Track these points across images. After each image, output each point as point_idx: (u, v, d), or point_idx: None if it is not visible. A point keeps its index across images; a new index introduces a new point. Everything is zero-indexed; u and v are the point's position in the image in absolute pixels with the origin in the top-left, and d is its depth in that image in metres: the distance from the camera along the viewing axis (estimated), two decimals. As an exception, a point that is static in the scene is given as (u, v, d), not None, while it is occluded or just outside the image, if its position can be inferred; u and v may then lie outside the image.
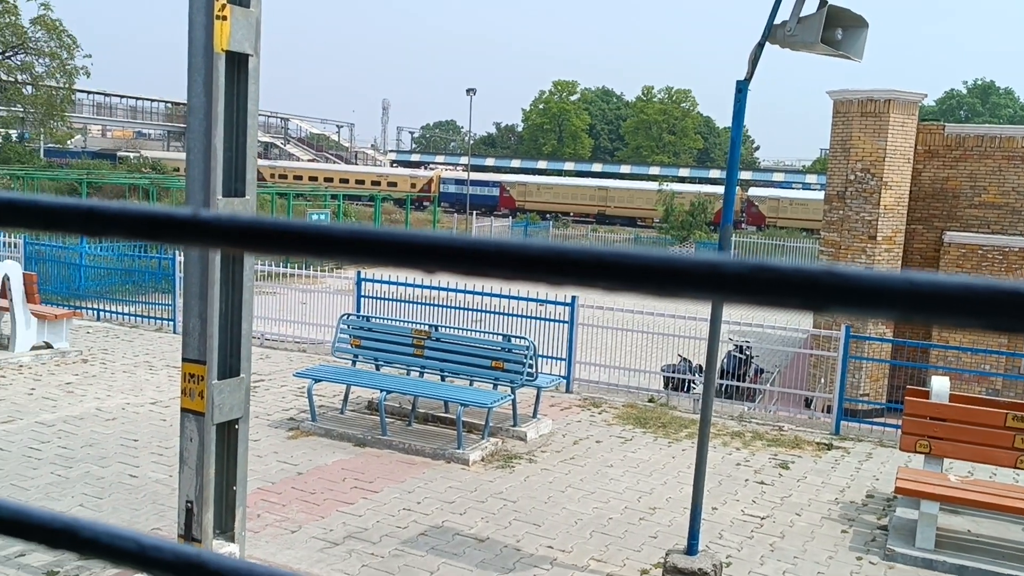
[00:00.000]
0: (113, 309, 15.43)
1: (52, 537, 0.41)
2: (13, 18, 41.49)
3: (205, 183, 5.06)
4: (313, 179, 59.53)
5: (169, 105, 77.43)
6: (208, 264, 5.06)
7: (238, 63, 5.17)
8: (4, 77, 42.74)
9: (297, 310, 15.13)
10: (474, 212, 43.22)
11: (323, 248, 0.40)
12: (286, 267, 16.19)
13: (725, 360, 13.99)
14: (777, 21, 5.51)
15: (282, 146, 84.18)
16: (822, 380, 14.26)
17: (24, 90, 43.41)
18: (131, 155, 64.68)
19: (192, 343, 5.20)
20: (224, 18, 4.96)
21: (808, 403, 13.84)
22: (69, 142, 68.10)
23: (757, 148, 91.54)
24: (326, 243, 0.39)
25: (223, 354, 5.33)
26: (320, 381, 9.32)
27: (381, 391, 8.99)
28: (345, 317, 10.14)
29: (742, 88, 5.45)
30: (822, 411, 12.58)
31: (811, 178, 65.52)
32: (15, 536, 0.43)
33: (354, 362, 9.90)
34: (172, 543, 0.41)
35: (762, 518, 7.41)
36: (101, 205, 0.41)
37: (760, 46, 5.46)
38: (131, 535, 0.38)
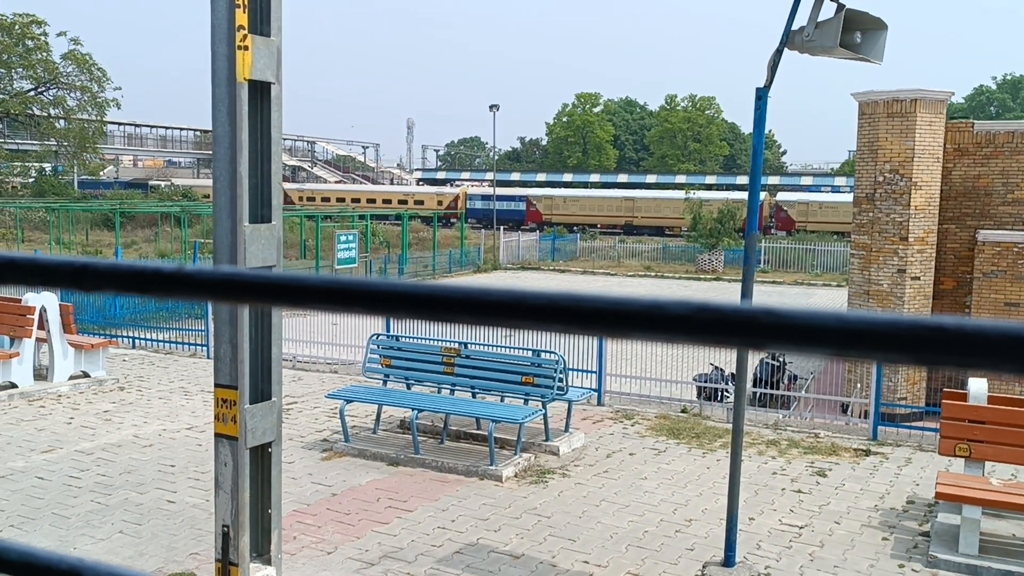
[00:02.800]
0: (148, 336, 15.65)
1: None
2: (45, 54, 42.43)
3: (232, 210, 5.13)
4: (341, 200, 60.05)
5: (198, 133, 78.61)
6: (237, 290, 5.13)
7: (261, 91, 5.25)
8: (38, 112, 43.67)
9: (328, 331, 15.23)
10: (501, 227, 43.29)
11: (298, 298, 0.41)
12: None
13: (758, 368, 13.88)
14: (795, 27, 5.49)
15: (309, 169, 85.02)
16: (858, 385, 14.08)
17: (57, 124, 44.32)
18: (162, 184, 65.72)
19: (223, 369, 5.26)
20: (246, 48, 5.04)
21: (845, 409, 13.67)
22: (102, 173, 69.31)
23: (784, 152, 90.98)
24: (300, 293, 0.41)
25: (254, 378, 5.39)
26: (352, 402, 9.37)
27: (413, 410, 9.02)
28: (375, 337, 10.19)
29: (762, 95, 5.43)
30: (859, 416, 12.42)
31: (840, 180, 65.00)
32: (22, 580, 0.45)
33: (385, 381, 9.95)
34: (170, 584, 0.42)
35: (800, 527, 7.32)
36: (93, 262, 0.43)
37: (778, 53, 5.44)
38: (132, 575, 0.40)
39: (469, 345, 9.92)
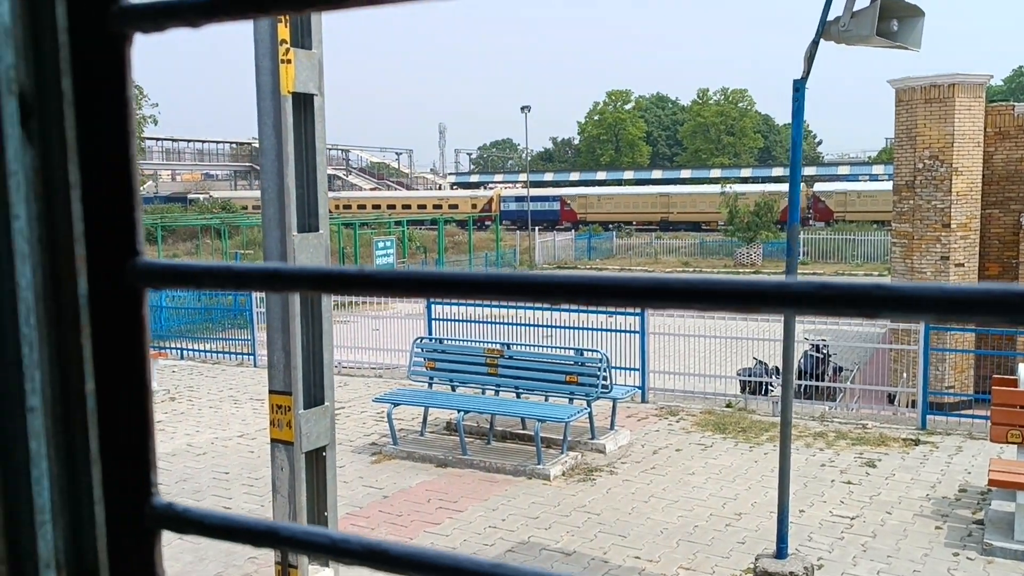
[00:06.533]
0: (195, 347, 15.95)
1: (257, 537, 0.50)
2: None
3: (280, 221, 5.26)
4: (376, 207, 60.47)
5: (233, 146, 79.64)
6: (288, 299, 5.26)
7: (304, 103, 5.37)
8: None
9: (370, 337, 15.42)
10: (536, 228, 43.34)
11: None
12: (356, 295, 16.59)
13: (802, 360, 13.78)
14: (830, 17, 5.49)
15: (344, 177, 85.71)
16: (904, 375, 13.93)
17: (97, 142, 45.22)
18: (201, 197, 66.69)
19: (277, 375, 5.39)
20: (289, 62, 5.17)
21: (891, 399, 13.52)
22: (141, 189, 70.49)
23: (820, 142, 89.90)
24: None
25: (307, 384, 5.51)
26: (399, 405, 9.49)
27: (458, 411, 9.12)
28: (418, 341, 10.31)
29: (799, 87, 5.44)
30: (906, 406, 12.29)
31: (878, 168, 64.06)
32: (228, 539, 0.53)
33: (430, 384, 10.06)
34: (359, 537, 0.51)
35: (852, 518, 7.29)
36: (283, 268, 0.51)
37: (815, 44, 5.44)
38: (323, 532, 0.49)
39: (512, 346, 10.00)
